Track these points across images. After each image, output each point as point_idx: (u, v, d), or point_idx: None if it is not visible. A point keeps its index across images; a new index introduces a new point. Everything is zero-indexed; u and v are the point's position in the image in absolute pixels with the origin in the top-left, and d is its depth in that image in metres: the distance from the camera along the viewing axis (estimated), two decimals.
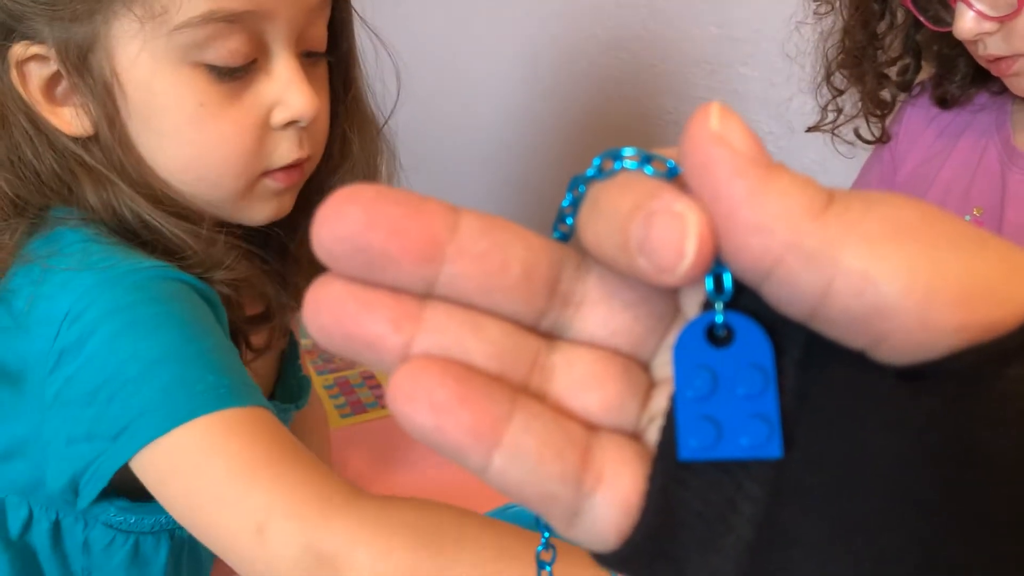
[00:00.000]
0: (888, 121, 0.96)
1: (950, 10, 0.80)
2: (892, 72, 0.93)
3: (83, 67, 0.53)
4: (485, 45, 1.92)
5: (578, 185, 0.25)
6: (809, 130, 1.00)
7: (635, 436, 0.23)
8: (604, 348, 0.23)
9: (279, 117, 0.57)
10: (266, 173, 0.59)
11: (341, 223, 0.20)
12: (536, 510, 0.21)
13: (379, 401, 0.95)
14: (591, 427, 0.22)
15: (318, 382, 1.00)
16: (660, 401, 0.23)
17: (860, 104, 0.93)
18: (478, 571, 0.47)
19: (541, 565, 0.31)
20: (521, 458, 0.21)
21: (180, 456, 0.48)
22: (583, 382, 0.22)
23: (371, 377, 1.01)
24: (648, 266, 0.20)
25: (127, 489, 0.56)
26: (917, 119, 0.96)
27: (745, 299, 0.21)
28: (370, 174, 0.70)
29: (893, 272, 0.18)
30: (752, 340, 0.21)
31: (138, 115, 0.55)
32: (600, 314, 0.23)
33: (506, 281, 0.22)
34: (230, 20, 0.53)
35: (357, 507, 0.48)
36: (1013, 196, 0.84)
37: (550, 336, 0.23)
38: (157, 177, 0.56)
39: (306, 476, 0.48)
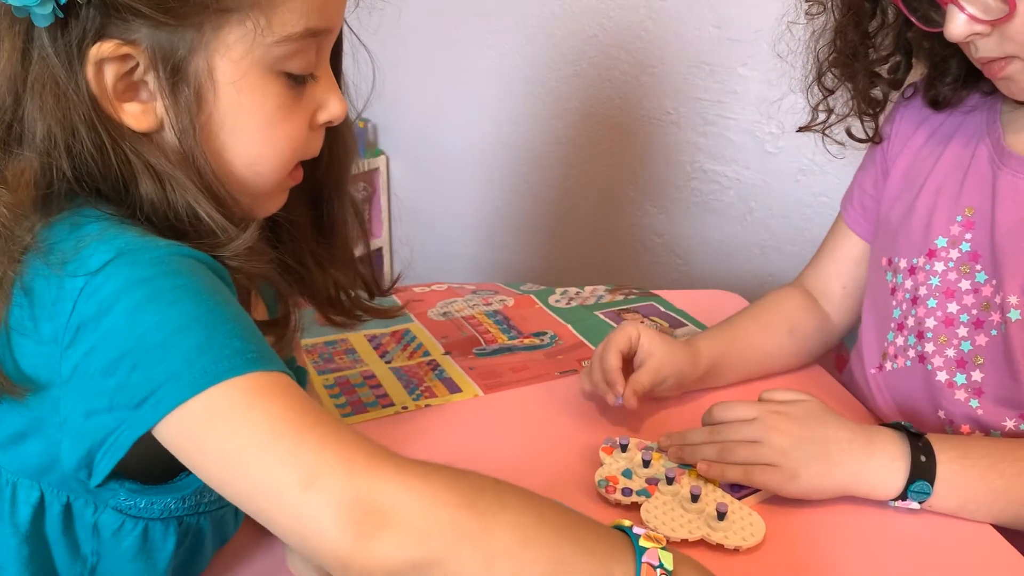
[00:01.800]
0: (880, 120, 0.97)
1: (941, 11, 0.80)
2: (883, 70, 0.93)
3: (176, 69, 0.56)
4: (485, 45, 1.92)
5: None
6: (800, 130, 1.00)
7: None
8: None
9: (322, 118, 0.63)
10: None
11: None
12: None
13: (379, 401, 0.96)
14: None
15: (319, 381, 1.00)
16: None
17: (852, 103, 0.94)
18: (517, 533, 0.49)
19: None
20: None
21: (216, 416, 0.49)
22: None
23: (371, 377, 1.01)
24: None
25: (138, 472, 0.57)
26: (909, 120, 0.96)
27: None
28: (352, 165, 0.75)
29: None
30: None
31: (221, 114, 0.58)
32: None
33: None
34: (314, 35, 0.60)
35: (403, 465, 0.49)
36: (1003, 197, 0.84)
37: None
38: (224, 171, 0.60)
39: (350, 435, 0.50)
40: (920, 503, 0.74)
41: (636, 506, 0.75)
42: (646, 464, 0.80)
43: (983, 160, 0.87)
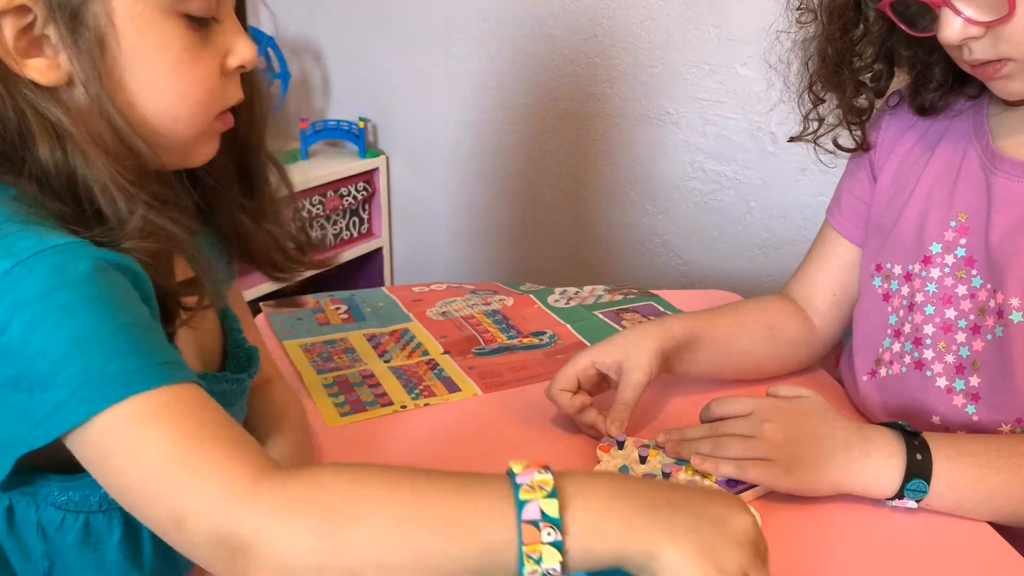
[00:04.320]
0: (867, 127, 0.96)
1: (929, 16, 0.79)
2: (867, 79, 0.92)
3: (75, 18, 0.56)
4: (485, 45, 1.93)
5: None
6: (791, 140, 0.99)
7: None
8: None
9: (233, 62, 0.63)
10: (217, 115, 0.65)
11: None
12: None
13: (378, 400, 0.96)
14: None
15: (317, 381, 1.00)
16: None
17: (839, 112, 0.93)
18: (376, 544, 0.49)
19: None
20: None
21: (98, 447, 0.51)
22: None
23: (370, 376, 1.02)
24: None
25: (62, 465, 0.58)
26: (895, 127, 0.95)
27: None
28: (268, 116, 0.75)
29: None
30: None
31: (127, 62, 0.59)
32: None
33: None
34: None
35: (262, 492, 0.50)
36: (999, 200, 0.84)
37: None
38: (140, 122, 0.60)
39: (216, 460, 0.51)
40: (917, 501, 0.74)
41: None
42: (643, 460, 0.80)
43: (974, 164, 0.86)
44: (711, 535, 0.50)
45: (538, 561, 0.48)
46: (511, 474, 0.51)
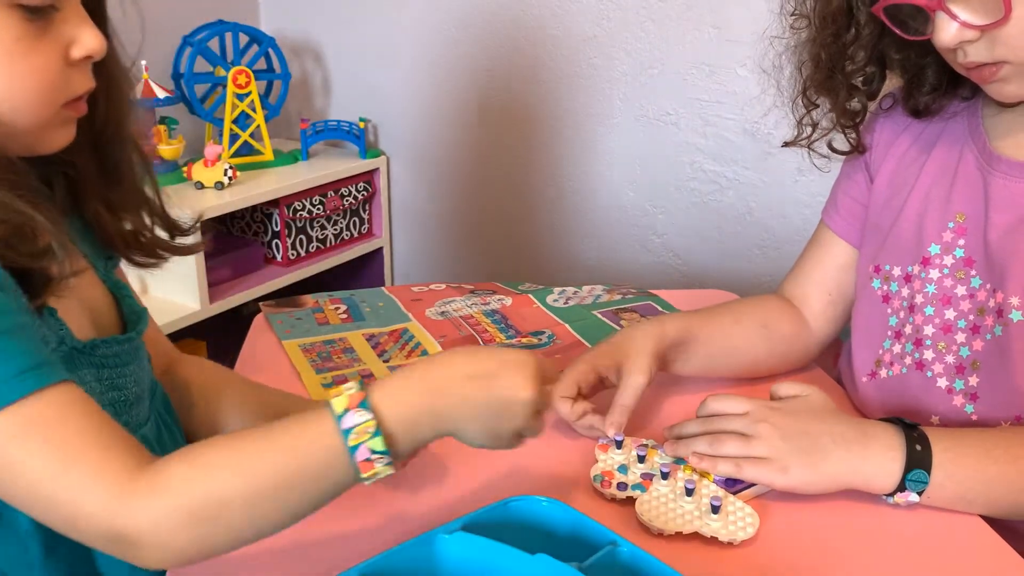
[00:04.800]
0: (861, 130, 0.96)
1: (922, 20, 0.79)
2: (859, 81, 0.91)
3: None
4: (485, 45, 1.93)
5: None
6: (785, 145, 0.99)
7: None
8: None
9: (77, 52, 0.63)
10: (65, 103, 0.66)
11: None
12: None
13: None
14: None
15: (316, 381, 1.00)
16: None
17: (832, 116, 0.93)
18: (246, 514, 0.56)
19: None
20: None
21: None
22: None
23: (369, 376, 1.02)
24: None
25: None
26: (890, 129, 0.96)
27: None
28: (129, 105, 0.76)
29: None
30: None
31: None
32: None
33: None
34: None
35: (137, 490, 0.54)
36: (997, 200, 0.84)
37: None
38: None
39: (91, 466, 0.54)
40: (919, 493, 0.74)
41: (631, 500, 0.75)
42: (641, 460, 0.80)
43: (971, 166, 0.86)
44: (493, 417, 0.63)
45: (375, 476, 0.58)
46: (337, 418, 0.58)
